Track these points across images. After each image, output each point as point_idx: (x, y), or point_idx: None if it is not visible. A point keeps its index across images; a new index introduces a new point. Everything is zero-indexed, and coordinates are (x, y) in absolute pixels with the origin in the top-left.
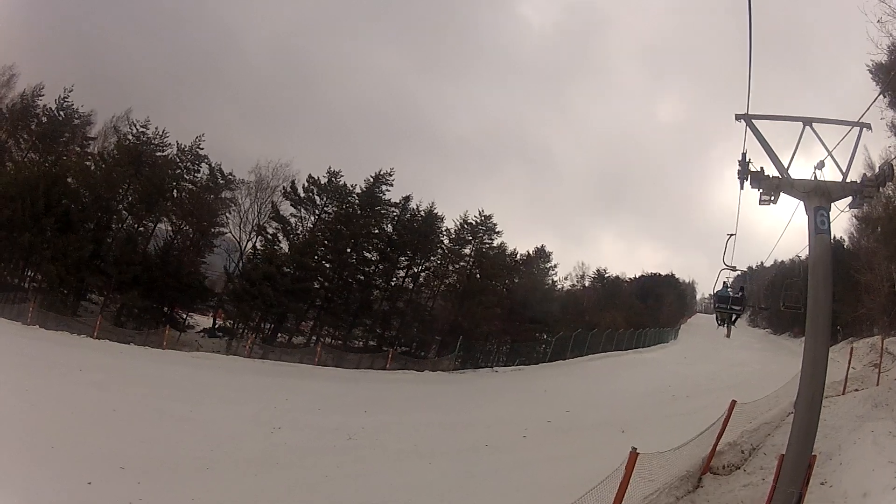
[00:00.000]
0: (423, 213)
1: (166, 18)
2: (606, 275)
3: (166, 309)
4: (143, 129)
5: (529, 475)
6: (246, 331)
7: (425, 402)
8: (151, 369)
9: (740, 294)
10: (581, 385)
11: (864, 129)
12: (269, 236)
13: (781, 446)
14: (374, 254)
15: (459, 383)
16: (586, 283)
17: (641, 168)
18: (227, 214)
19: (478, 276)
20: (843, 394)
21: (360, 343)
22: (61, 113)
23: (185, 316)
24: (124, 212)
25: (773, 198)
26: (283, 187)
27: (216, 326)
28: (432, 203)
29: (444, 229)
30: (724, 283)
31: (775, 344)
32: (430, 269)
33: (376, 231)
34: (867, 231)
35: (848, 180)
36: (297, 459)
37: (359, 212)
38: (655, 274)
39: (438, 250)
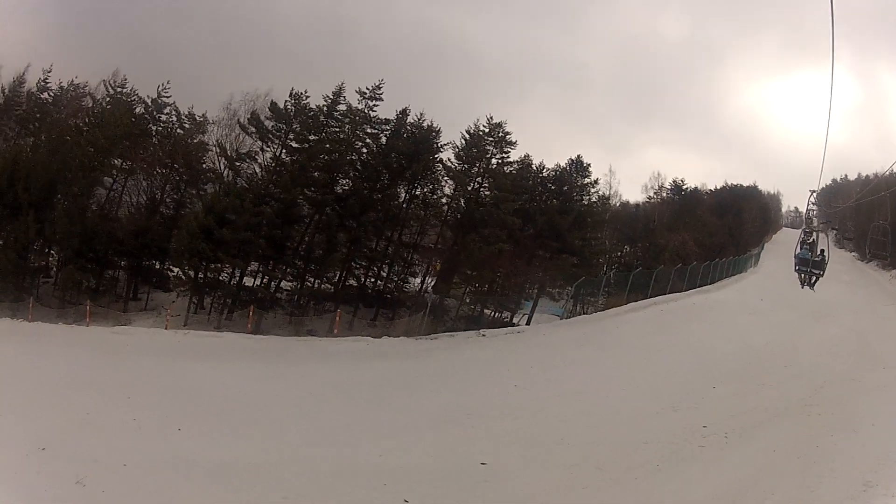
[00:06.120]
0: (411, 127)
1: None
2: (685, 187)
3: (117, 274)
4: (121, 89)
5: None
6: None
7: (328, 400)
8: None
9: (820, 257)
10: (588, 372)
11: None
12: (226, 179)
13: None
14: (347, 182)
15: (414, 359)
16: (664, 196)
17: (661, 79)
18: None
19: (486, 199)
20: None
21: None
22: (44, 94)
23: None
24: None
25: None
26: (238, 120)
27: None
28: (421, 113)
29: (442, 145)
30: (804, 241)
31: (865, 276)
32: (419, 197)
33: (351, 156)
34: None
35: None
36: None
37: (322, 136)
38: (736, 185)
39: (436, 172)
